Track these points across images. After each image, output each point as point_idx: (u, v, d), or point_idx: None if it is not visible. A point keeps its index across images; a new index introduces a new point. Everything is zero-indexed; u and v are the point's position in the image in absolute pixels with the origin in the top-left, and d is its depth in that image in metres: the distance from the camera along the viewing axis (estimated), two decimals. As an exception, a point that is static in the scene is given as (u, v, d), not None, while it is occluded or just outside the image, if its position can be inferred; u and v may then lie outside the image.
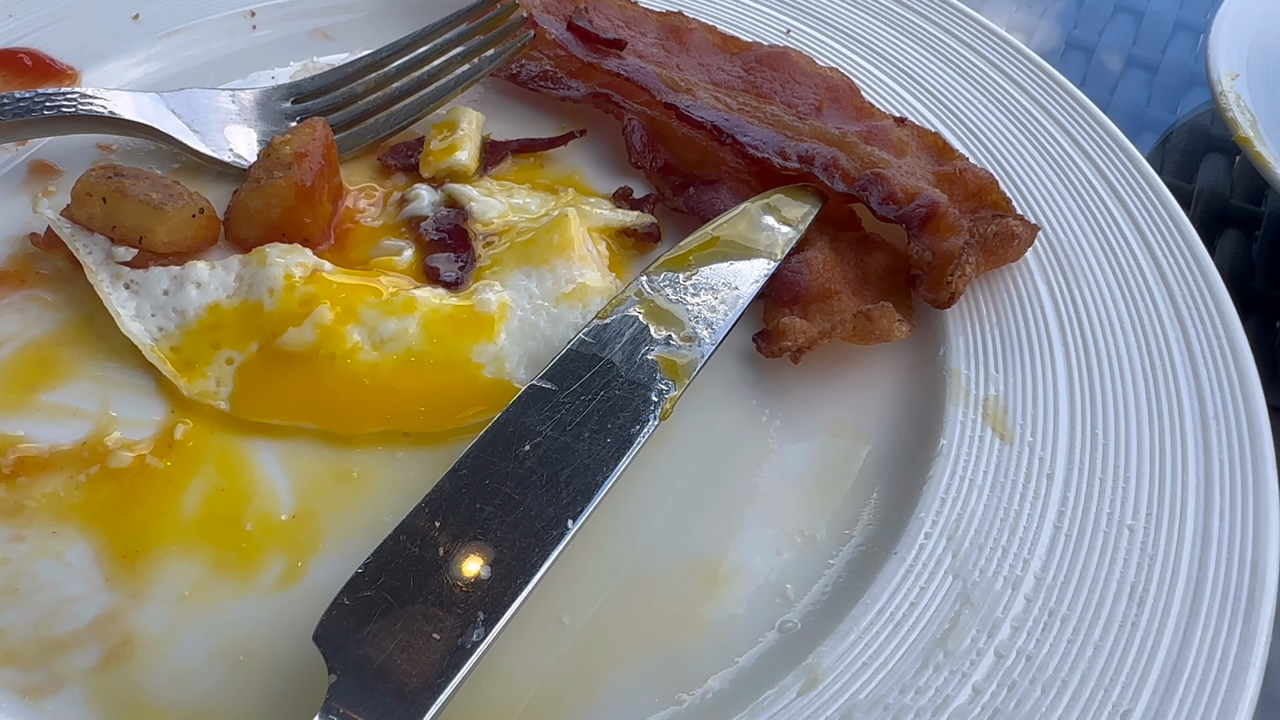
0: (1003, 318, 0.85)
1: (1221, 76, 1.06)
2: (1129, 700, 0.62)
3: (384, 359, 0.77)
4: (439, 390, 0.77)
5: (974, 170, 0.91)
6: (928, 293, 0.84)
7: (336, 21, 1.09)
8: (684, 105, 0.94)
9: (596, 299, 0.82)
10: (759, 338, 0.83)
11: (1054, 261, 0.88)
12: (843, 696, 0.63)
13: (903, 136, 0.95)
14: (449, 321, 0.80)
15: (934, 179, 0.90)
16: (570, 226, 0.85)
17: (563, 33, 1.02)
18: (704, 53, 1.03)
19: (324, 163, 0.86)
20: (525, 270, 0.84)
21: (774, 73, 1.00)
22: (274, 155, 0.85)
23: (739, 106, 0.96)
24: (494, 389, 0.77)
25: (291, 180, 0.84)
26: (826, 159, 0.90)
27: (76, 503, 0.71)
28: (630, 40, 1.02)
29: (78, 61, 0.99)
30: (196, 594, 0.67)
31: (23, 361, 0.79)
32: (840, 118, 0.97)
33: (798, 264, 0.86)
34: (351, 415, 0.76)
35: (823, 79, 1.00)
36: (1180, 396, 0.78)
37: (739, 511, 0.74)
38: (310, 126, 0.87)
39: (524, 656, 0.66)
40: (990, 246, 0.84)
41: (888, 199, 0.87)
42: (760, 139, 0.93)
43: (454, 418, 0.77)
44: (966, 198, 0.89)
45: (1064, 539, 0.70)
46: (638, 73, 0.97)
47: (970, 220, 0.86)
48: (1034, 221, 0.90)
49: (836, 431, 0.79)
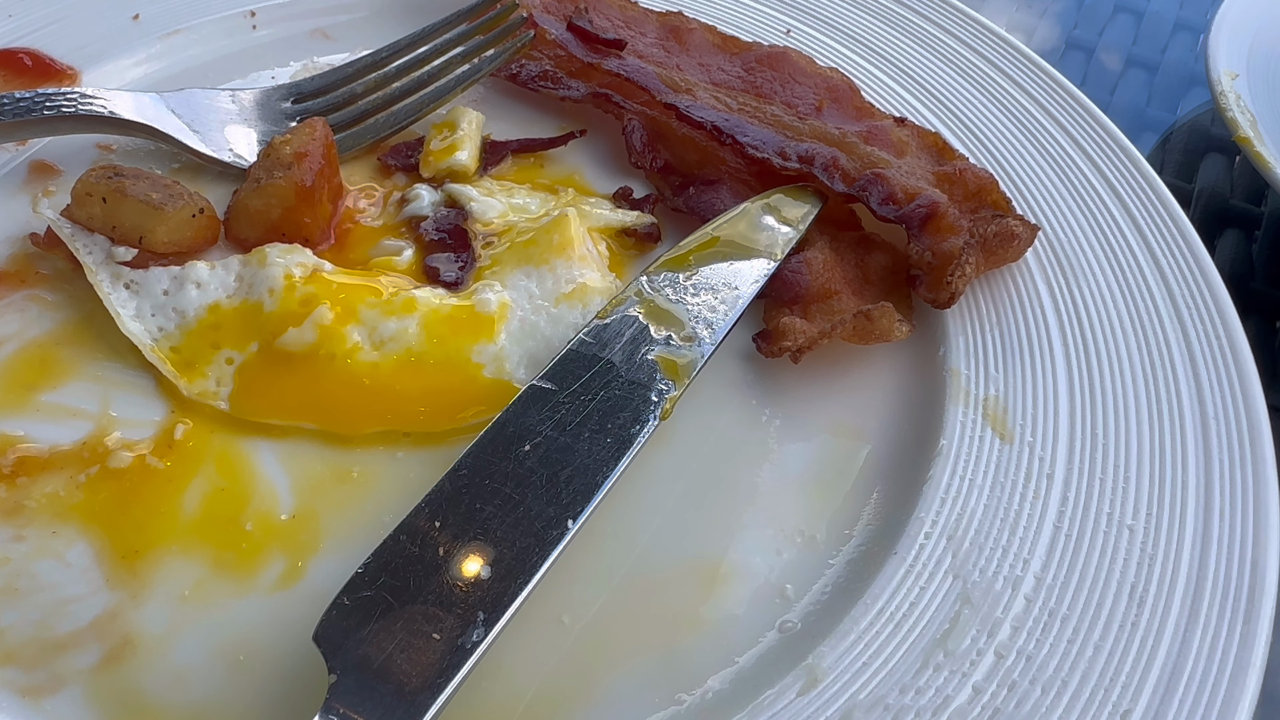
0: (1003, 318, 0.85)
1: (1221, 76, 1.06)
2: (1129, 700, 0.62)
3: (384, 359, 0.77)
4: (439, 390, 0.77)
5: (974, 170, 0.91)
6: (928, 293, 0.84)
7: (336, 21, 1.09)
8: (684, 105, 0.94)
9: (596, 299, 0.82)
10: (759, 338, 0.83)
11: (1054, 261, 0.88)
12: (843, 696, 0.63)
13: (903, 136, 0.95)
14: (449, 321, 0.80)
15: (934, 179, 0.90)
16: (570, 226, 0.85)
17: (563, 33, 1.02)
18: (704, 53, 1.03)
19: (324, 163, 0.86)
20: (525, 270, 0.84)
21: (774, 73, 1.00)
22: (274, 155, 0.85)
23: (739, 106, 0.97)
24: (494, 389, 0.77)
25: (291, 180, 0.84)
26: (826, 159, 0.90)
27: (76, 503, 0.71)
28: (630, 40, 1.02)
29: (78, 61, 0.99)
30: (196, 594, 0.67)
31: (23, 361, 0.79)
32: (840, 118, 0.97)
33: (798, 264, 0.86)
34: (351, 415, 0.76)
35: (823, 79, 1.00)
36: (1180, 396, 0.78)
37: (739, 511, 0.74)
38: (310, 126, 0.87)
39: (524, 656, 0.66)
40: (990, 246, 0.84)
41: (887, 199, 0.87)
42: (760, 139, 0.93)
43: (454, 418, 0.77)
44: (966, 198, 0.89)
45: (1064, 539, 0.70)
46: (637, 73, 0.97)
47: (970, 220, 0.86)
48: (1034, 221, 0.90)
49: (836, 431, 0.79)
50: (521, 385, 0.74)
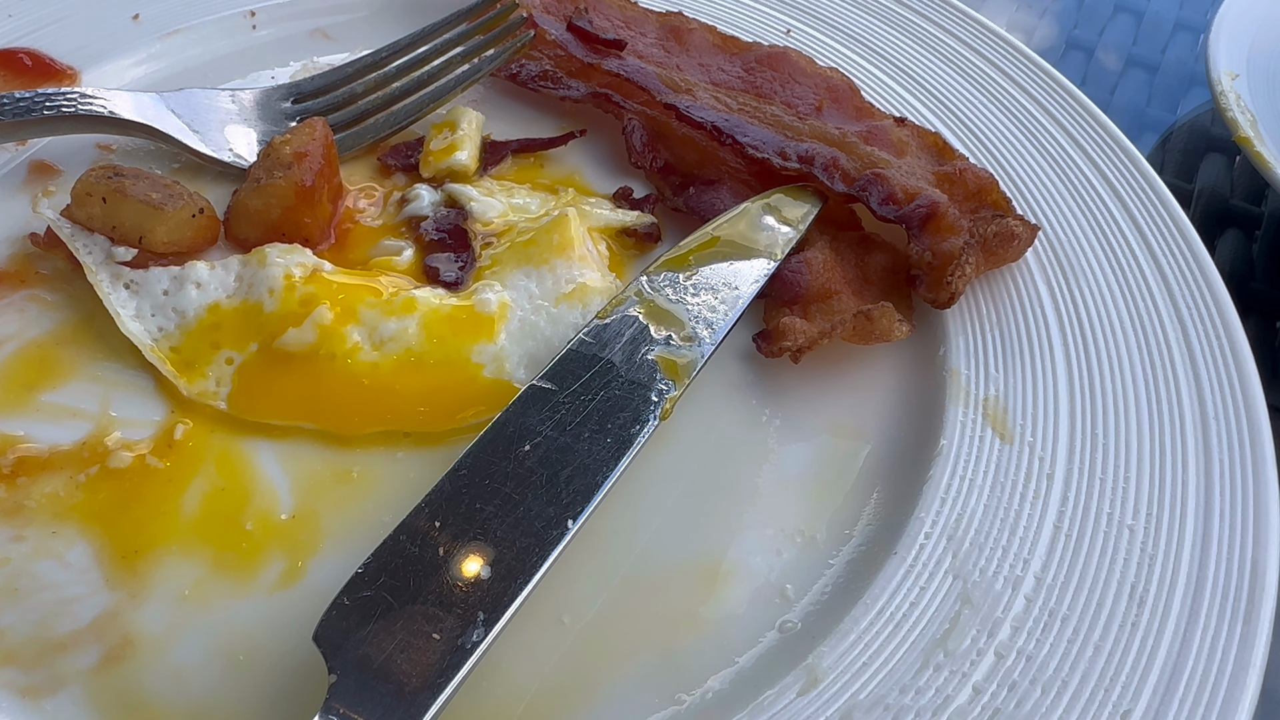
0: (1003, 318, 0.85)
1: (1221, 76, 1.06)
2: (1129, 700, 0.62)
3: (384, 359, 0.77)
4: (439, 390, 0.77)
5: (974, 170, 0.90)
6: (928, 293, 0.84)
7: (336, 21, 1.09)
8: (684, 105, 0.94)
9: (596, 299, 0.82)
10: (759, 338, 0.83)
11: (1054, 261, 0.88)
12: (843, 696, 0.63)
13: (903, 136, 0.95)
14: (449, 321, 0.80)
15: (934, 179, 0.90)
16: (570, 226, 0.85)
17: (562, 33, 1.02)
18: (704, 53, 1.03)
19: (324, 162, 0.86)
20: (525, 270, 0.84)
21: (774, 73, 1.00)
22: (274, 155, 0.85)
23: (739, 107, 0.97)
24: (494, 389, 0.77)
25: (291, 180, 0.84)
26: (826, 159, 0.90)
27: (76, 503, 0.71)
28: (630, 40, 1.02)
29: (78, 61, 0.99)
30: (196, 594, 0.67)
31: (23, 361, 0.79)
32: (840, 118, 0.97)
33: (798, 264, 0.86)
34: (351, 415, 0.76)
35: (823, 79, 1.00)
36: (1180, 396, 0.78)
37: (739, 511, 0.74)
38: (310, 126, 0.87)
39: (524, 656, 0.66)
40: (990, 246, 0.84)
41: (888, 199, 0.87)
42: (760, 139, 0.93)
43: (454, 418, 0.77)
44: (967, 198, 0.89)
45: (1064, 539, 0.70)
46: (637, 73, 0.97)
47: (970, 220, 0.86)
48: (1034, 222, 0.90)
49: (836, 431, 0.79)
50: (521, 385, 0.74)
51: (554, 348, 0.78)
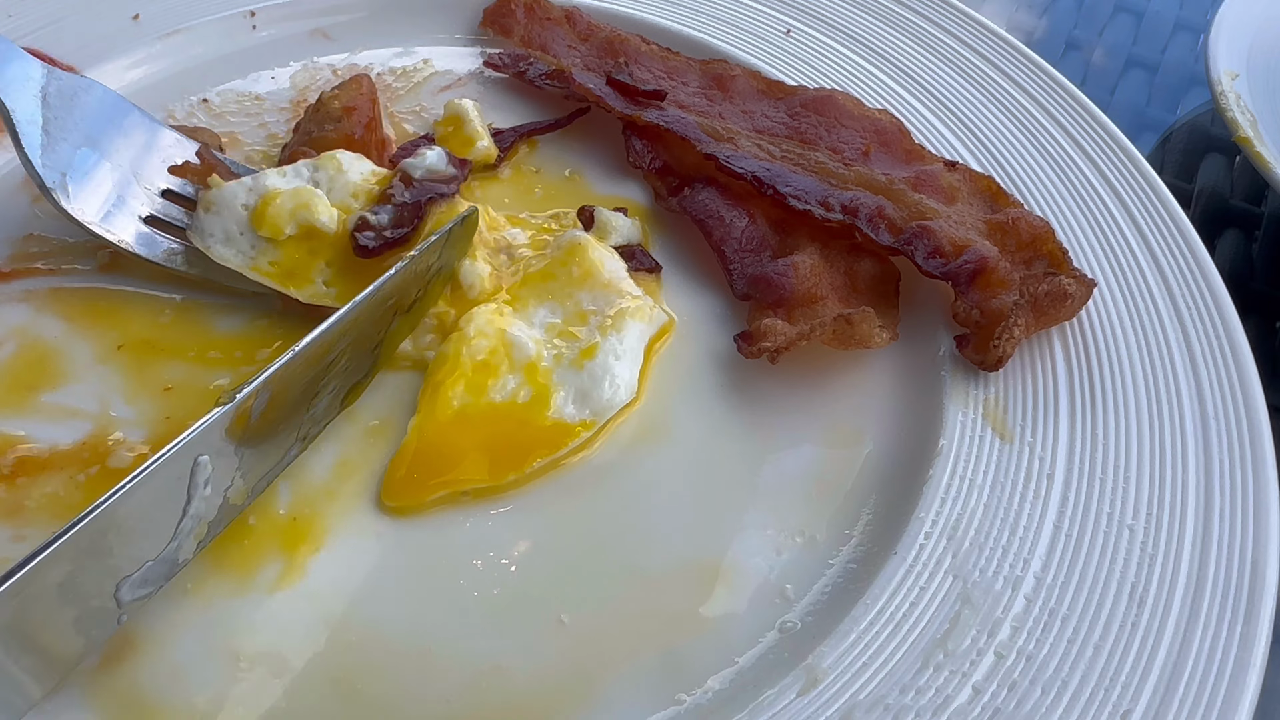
0: (1003, 318, 0.84)
1: (1221, 76, 1.06)
2: (1129, 700, 0.62)
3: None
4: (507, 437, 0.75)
5: (1028, 218, 0.86)
6: (974, 354, 0.80)
7: (336, 21, 1.09)
8: (724, 156, 0.91)
9: (636, 321, 0.81)
10: (740, 338, 0.82)
11: (1054, 261, 0.88)
12: (843, 696, 0.63)
13: (953, 182, 0.91)
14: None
15: (985, 228, 0.86)
16: (588, 253, 0.83)
17: (602, 87, 0.99)
18: (747, 99, 1.00)
19: (372, 115, 0.88)
20: (550, 306, 0.82)
21: (819, 117, 0.97)
22: (324, 109, 0.87)
23: (782, 154, 0.93)
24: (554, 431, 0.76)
25: (341, 133, 0.85)
26: (871, 209, 0.86)
27: (76, 503, 0.71)
28: (671, 90, 1.00)
29: (78, 61, 0.98)
30: (196, 592, 0.67)
31: (23, 361, 0.79)
32: (888, 162, 0.93)
33: (784, 267, 0.84)
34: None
35: (870, 121, 0.96)
36: (1180, 396, 0.78)
37: (739, 511, 0.74)
38: (357, 82, 0.90)
39: (524, 656, 0.66)
40: (1041, 306, 0.80)
41: (934, 253, 0.83)
42: (803, 188, 0.89)
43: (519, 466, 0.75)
44: (1020, 248, 0.85)
45: (1064, 539, 0.70)
46: (678, 123, 0.95)
47: (1022, 275, 0.82)
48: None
49: (836, 432, 0.79)
50: (573, 421, 0.75)
51: (597, 379, 0.78)
